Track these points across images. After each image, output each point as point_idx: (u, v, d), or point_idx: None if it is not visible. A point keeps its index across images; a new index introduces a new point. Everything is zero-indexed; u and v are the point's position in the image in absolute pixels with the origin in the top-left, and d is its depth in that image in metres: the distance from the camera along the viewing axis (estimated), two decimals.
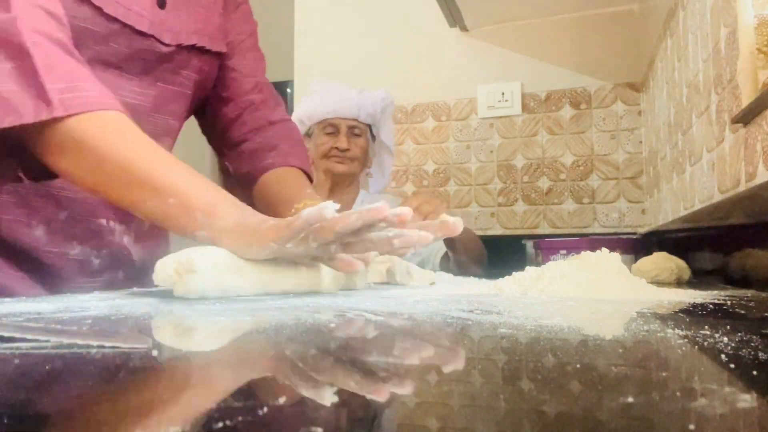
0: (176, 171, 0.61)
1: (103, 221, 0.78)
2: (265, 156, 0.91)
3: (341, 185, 1.52)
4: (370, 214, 0.55)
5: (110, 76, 0.73)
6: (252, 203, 0.92)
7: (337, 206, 0.56)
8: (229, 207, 0.61)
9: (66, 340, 0.30)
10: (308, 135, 1.54)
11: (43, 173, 0.65)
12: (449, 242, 1.28)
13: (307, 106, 1.52)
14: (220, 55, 0.89)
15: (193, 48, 0.82)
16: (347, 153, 1.47)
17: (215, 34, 0.86)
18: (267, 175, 0.90)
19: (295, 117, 1.53)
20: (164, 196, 0.59)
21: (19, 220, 0.72)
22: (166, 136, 0.83)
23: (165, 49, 0.78)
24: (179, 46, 0.80)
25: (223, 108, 0.93)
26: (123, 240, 0.82)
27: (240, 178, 0.94)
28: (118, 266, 0.82)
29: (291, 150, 0.93)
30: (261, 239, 0.57)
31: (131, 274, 0.83)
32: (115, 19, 0.71)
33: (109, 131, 0.60)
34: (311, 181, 0.96)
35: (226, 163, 0.96)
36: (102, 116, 0.60)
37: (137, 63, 0.76)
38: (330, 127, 1.49)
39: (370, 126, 1.53)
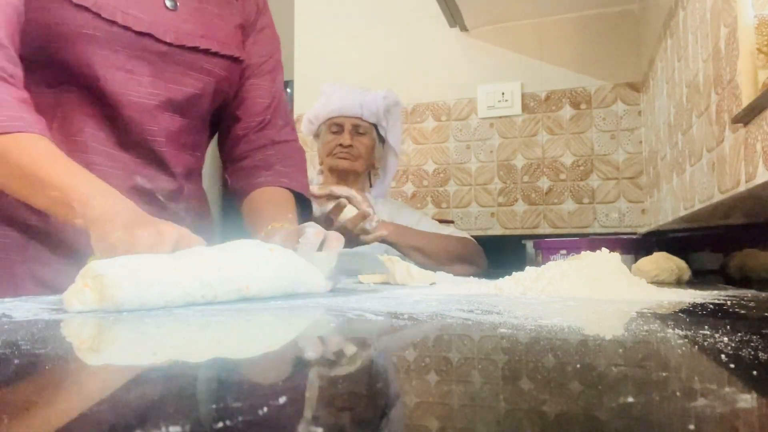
0: (64, 169, 0.67)
1: None
2: (260, 174, 0.95)
3: (346, 183, 1.53)
4: None
5: (121, 78, 0.79)
6: (241, 216, 0.97)
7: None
8: (103, 199, 0.65)
9: None
10: (317, 135, 1.59)
11: None
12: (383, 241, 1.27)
13: (315, 107, 1.57)
14: (237, 61, 0.92)
15: (199, 50, 0.85)
16: (351, 150, 1.49)
17: (227, 40, 0.89)
18: (256, 192, 0.93)
19: (305, 118, 1.61)
20: (48, 190, 0.66)
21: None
22: (180, 133, 0.86)
23: (164, 48, 0.81)
24: (182, 47, 0.83)
25: (234, 125, 0.97)
26: None
27: (234, 191, 0.98)
28: None
29: (286, 170, 0.96)
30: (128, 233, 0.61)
31: None
32: (113, 23, 0.77)
33: (17, 142, 0.67)
34: (309, 202, 0.99)
35: (226, 175, 1.00)
36: (18, 135, 0.67)
37: (143, 64, 0.80)
38: (335, 125, 1.53)
39: (376, 126, 1.54)
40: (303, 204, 0.98)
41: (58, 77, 0.77)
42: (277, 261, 0.59)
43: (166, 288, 0.48)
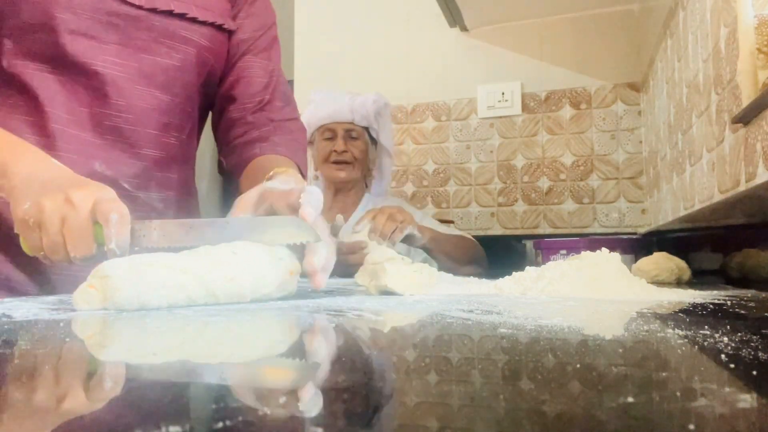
0: None
1: None
2: (254, 147, 0.87)
3: (344, 190, 1.57)
4: None
5: (84, 45, 0.71)
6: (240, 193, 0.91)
7: None
8: (23, 166, 0.58)
9: None
10: (311, 142, 1.61)
11: None
12: (422, 246, 1.29)
13: (306, 115, 1.58)
14: (222, 30, 0.84)
15: (173, 15, 0.77)
16: (345, 155, 1.52)
17: (208, 5, 0.81)
18: (252, 162, 0.85)
19: None
20: None
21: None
22: (155, 111, 0.79)
23: (134, 12, 0.74)
24: (154, 11, 0.75)
25: (228, 106, 0.90)
26: None
27: (230, 172, 0.90)
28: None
29: (281, 141, 0.88)
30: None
31: None
32: None
33: None
34: (304, 177, 0.91)
35: (221, 158, 0.93)
36: None
37: (110, 30, 0.73)
38: (328, 132, 1.55)
39: (368, 129, 1.56)
40: None
41: (14, 42, 0.69)
42: (285, 267, 0.57)
43: (168, 291, 0.49)
